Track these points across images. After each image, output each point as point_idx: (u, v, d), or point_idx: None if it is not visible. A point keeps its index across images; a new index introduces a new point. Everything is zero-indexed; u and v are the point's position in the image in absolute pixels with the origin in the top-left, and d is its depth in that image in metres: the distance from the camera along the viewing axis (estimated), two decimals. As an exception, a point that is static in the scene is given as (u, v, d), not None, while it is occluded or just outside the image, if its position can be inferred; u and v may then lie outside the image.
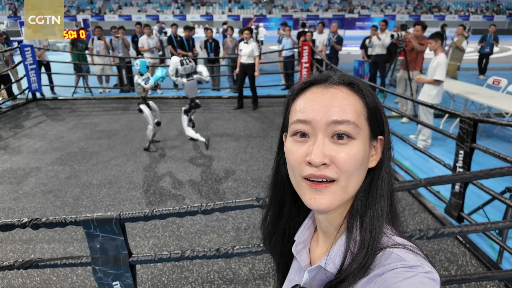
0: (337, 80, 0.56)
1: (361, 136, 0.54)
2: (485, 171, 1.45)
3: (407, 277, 0.45)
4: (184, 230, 3.08)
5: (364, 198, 0.56)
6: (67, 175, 4.18)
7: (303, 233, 0.67)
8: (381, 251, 0.52)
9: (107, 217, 1.41)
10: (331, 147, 0.52)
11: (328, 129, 0.53)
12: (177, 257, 1.54)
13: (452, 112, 2.99)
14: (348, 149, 0.52)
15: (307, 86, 0.58)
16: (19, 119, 6.67)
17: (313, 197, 0.54)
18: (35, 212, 3.41)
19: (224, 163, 4.51)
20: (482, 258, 2.62)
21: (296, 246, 0.66)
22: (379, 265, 0.50)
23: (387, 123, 0.59)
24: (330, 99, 0.53)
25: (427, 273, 0.46)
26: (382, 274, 0.48)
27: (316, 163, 0.51)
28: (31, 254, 2.80)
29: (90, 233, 1.43)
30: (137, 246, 2.89)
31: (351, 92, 0.55)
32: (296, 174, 0.55)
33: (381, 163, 0.58)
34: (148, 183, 3.97)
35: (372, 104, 0.56)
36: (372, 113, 0.56)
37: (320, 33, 8.35)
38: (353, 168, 0.52)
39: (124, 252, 1.49)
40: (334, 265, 0.55)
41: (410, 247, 0.52)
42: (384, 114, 0.58)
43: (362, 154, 0.53)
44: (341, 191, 0.53)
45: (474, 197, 3.39)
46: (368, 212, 0.55)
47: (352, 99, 0.54)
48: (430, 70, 4.64)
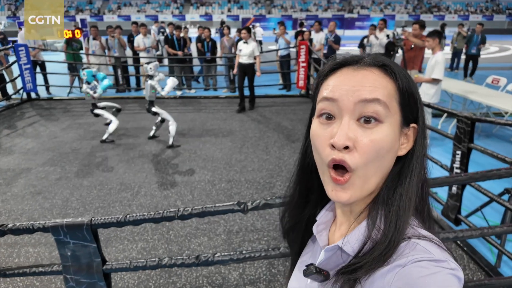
0: (369, 61, 0.54)
1: (391, 120, 0.51)
2: (481, 173, 1.36)
3: (432, 272, 0.43)
4: (174, 233, 3.00)
5: (392, 188, 0.53)
6: (58, 176, 4.10)
7: (325, 214, 0.66)
8: (405, 241, 0.49)
9: (77, 223, 1.32)
10: (356, 130, 0.50)
11: (356, 110, 0.50)
12: (154, 265, 1.45)
13: (450, 111, 2.91)
14: (375, 134, 0.50)
15: (338, 67, 0.56)
16: (13, 119, 6.59)
17: (335, 189, 0.53)
18: (22, 214, 3.33)
19: (218, 163, 4.43)
20: (480, 262, 2.54)
21: (318, 226, 0.64)
22: (402, 255, 0.47)
23: (422, 111, 0.55)
24: (361, 80, 0.51)
25: (452, 269, 0.44)
26: (405, 265, 0.45)
27: (339, 145, 0.49)
28: (15, 258, 2.72)
29: (60, 240, 1.34)
30: (125, 249, 2.81)
31: (384, 74, 0.53)
32: (322, 160, 0.54)
33: (412, 152, 0.54)
34: (140, 185, 3.89)
35: (406, 89, 0.53)
36: (405, 98, 0.53)
37: (317, 32, 8.27)
38: (377, 155, 0.50)
39: (97, 259, 1.40)
40: (352, 248, 0.53)
41: (436, 241, 0.49)
42: (420, 100, 0.55)
43: (389, 141, 0.50)
44: (360, 180, 0.51)
45: (472, 198, 3.30)
46: (395, 203, 0.52)
47: (384, 81, 0.52)
48: (428, 68, 4.56)
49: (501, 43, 22.11)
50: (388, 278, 0.46)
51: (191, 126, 5.96)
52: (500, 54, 16.78)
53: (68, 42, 8.37)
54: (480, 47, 9.32)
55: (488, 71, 10.66)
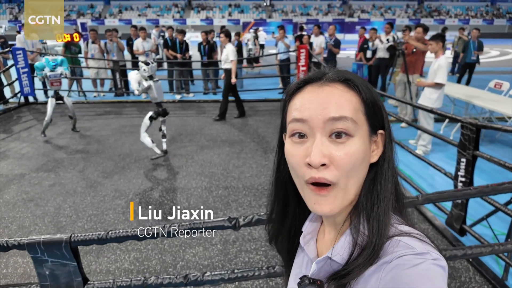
0: (332, 77, 0.55)
1: (360, 133, 0.53)
2: (492, 186, 1.27)
3: (415, 264, 0.46)
4: (168, 243, 2.90)
5: (369, 194, 0.56)
6: (51, 182, 4.00)
7: (310, 224, 0.67)
8: (388, 240, 0.52)
9: (56, 240, 1.23)
10: (329, 147, 0.52)
11: (326, 128, 0.52)
12: (139, 284, 1.35)
13: (453, 117, 2.81)
14: (347, 148, 0.52)
15: (302, 85, 0.57)
16: (9, 123, 6.51)
17: (317, 202, 0.54)
18: (13, 222, 3.23)
19: (215, 169, 4.33)
20: (486, 274, 2.43)
21: (304, 237, 0.66)
22: (387, 252, 0.50)
23: (387, 117, 0.58)
24: (326, 97, 0.53)
25: (435, 260, 0.47)
26: (391, 261, 0.48)
27: (315, 164, 0.51)
28: (3, 269, 2.61)
29: (37, 258, 1.24)
30: (117, 260, 2.71)
31: (347, 88, 0.54)
32: (299, 177, 0.55)
33: (383, 157, 0.57)
34: (134, 191, 3.79)
35: (370, 99, 0.55)
36: (370, 108, 0.55)
37: (316, 36, 8.21)
38: (353, 167, 0.52)
39: (78, 279, 1.30)
40: (341, 257, 0.55)
41: (417, 235, 0.52)
42: (383, 107, 0.57)
43: (362, 152, 0.53)
44: (342, 193, 0.53)
45: (476, 206, 3.20)
46: (374, 208, 0.54)
47: (349, 96, 0.53)
48: (431, 72, 4.47)
49: (501, 47, 22.07)
50: (376, 276, 0.49)
51: (189, 131, 5.87)
52: (500, 58, 16.72)
53: (66, 46, 8.31)
54: (477, 54, 8.55)
55: (489, 75, 10.57)
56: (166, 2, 38.60)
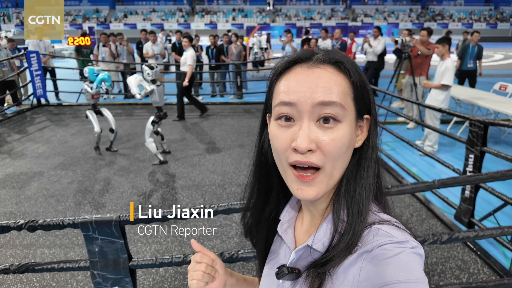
0: (322, 58, 0.53)
1: (348, 118, 0.52)
2: (502, 172, 1.38)
3: (396, 253, 0.46)
4: (187, 236, 3.01)
5: (352, 179, 0.55)
6: (70, 180, 4.14)
7: (288, 212, 0.65)
8: (368, 228, 0.52)
9: (106, 219, 1.36)
10: (317, 132, 0.51)
11: (314, 112, 0.51)
12: (179, 261, 1.47)
13: (462, 115, 2.92)
14: (335, 134, 0.51)
15: (291, 65, 0.55)
16: (23, 124, 6.68)
17: (300, 188, 0.53)
18: (37, 216, 3.36)
19: (227, 168, 4.46)
20: (494, 266, 2.53)
21: (282, 225, 0.64)
22: (367, 241, 0.50)
23: (374, 101, 0.57)
24: (316, 80, 0.51)
25: (413, 248, 0.48)
26: (371, 250, 0.48)
27: (302, 149, 0.50)
28: (32, 259, 2.74)
29: (89, 236, 1.37)
30: (138, 251, 2.83)
31: (337, 71, 0.53)
32: (282, 160, 0.54)
33: (367, 142, 0.56)
34: (151, 188, 3.92)
35: (359, 83, 0.54)
36: (359, 92, 0.54)
37: (323, 40, 8.36)
38: (339, 153, 0.51)
39: (124, 256, 1.43)
40: (322, 245, 0.54)
41: (396, 223, 0.52)
42: (371, 92, 0.56)
43: (348, 138, 0.52)
44: (327, 178, 0.53)
45: (483, 203, 3.30)
46: (356, 192, 0.54)
47: (338, 79, 0.52)
48: (438, 74, 4.59)
49: (505, 51, 22.12)
50: (357, 266, 0.49)
51: (198, 132, 6.01)
52: (504, 62, 16.79)
53: (78, 49, 8.51)
54: (478, 63, 7.24)
55: (493, 78, 10.67)
56: (171, 6, 39.02)
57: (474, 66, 7.26)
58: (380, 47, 7.39)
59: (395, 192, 1.49)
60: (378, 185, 0.58)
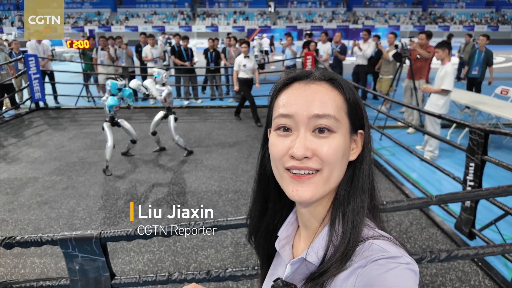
0: (318, 76, 0.58)
1: (342, 130, 0.55)
2: (503, 188, 1.32)
3: (389, 268, 0.47)
4: (181, 245, 2.95)
5: (346, 191, 0.58)
6: (64, 186, 4.09)
7: (286, 228, 0.68)
8: (361, 243, 0.53)
9: (86, 236, 1.30)
10: (312, 141, 0.54)
11: (310, 123, 0.54)
12: (164, 280, 1.41)
13: (461, 122, 2.86)
14: (330, 142, 0.54)
15: (290, 82, 0.59)
16: (20, 128, 6.64)
17: (295, 189, 0.55)
18: (29, 224, 3.31)
19: (224, 173, 4.40)
20: (496, 278, 2.46)
21: (280, 241, 0.66)
22: (361, 256, 0.51)
23: (367, 118, 0.61)
24: (312, 94, 0.55)
25: (408, 264, 0.48)
26: (365, 265, 0.49)
27: (298, 156, 0.53)
28: (21, 269, 2.69)
29: (69, 253, 1.31)
30: (131, 261, 2.77)
31: (332, 87, 0.57)
32: (279, 166, 0.57)
33: (362, 156, 0.59)
34: (146, 195, 3.86)
35: (352, 99, 0.57)
36: (352, 108, 0.57)
37: (323, 43, 8.31)
38: (335, 159, 0.54)
39: (105, 274, 1.37)
40: (317, 257, 0.56)
41: (390, 238, 0.53)
42: (364, 109, 0.60)
43: (343, 147, 0.55)
44: (323, 181, 0.55)
45: (485, 211, 3.23)
46: (350, 204, 0.56)
47: (333, 94, 0.56)
48: (438, 79, 4.53)
49: (507, 54, 22.04)
50: (351, 280, 0.49)
51: (197, 136, 5.95)
52: (506, 65, 16.71)
53: (84, 52, 8.52)
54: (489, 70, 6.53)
55: (495, 81, 10.57)
56: (172, 9, 39.09)
57: (479, 73, 6.75)
58: (370, 50, 7.34)
59: (391, 209, 1.43)
60: (372, 200, 0.60)
